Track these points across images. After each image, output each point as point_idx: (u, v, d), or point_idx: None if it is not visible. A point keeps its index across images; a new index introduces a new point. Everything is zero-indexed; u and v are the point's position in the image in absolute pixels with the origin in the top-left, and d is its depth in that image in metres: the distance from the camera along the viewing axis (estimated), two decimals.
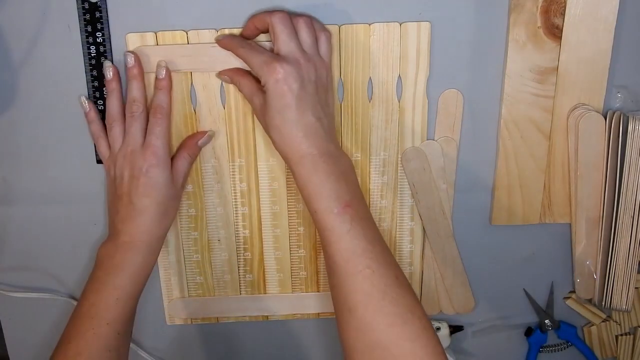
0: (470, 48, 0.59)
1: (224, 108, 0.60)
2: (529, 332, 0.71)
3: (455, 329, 0.70)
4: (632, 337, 0.71)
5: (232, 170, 0.62)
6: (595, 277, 0.66)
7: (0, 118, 0.60)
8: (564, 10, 0.57)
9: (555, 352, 0.72)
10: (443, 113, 0.61)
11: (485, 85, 0.60)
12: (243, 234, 0.65)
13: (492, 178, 0.64)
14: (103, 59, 0.57)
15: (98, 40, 0.57)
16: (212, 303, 0.68)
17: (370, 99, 0.60)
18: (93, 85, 0.59)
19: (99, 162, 0.62)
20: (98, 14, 0.56)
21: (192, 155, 0.60)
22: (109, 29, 0.57)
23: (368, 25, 0.57)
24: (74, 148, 0.61)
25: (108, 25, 0.57)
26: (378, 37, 0.58)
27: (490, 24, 0.58)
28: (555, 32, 0.57)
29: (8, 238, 0.65)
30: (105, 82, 0.57)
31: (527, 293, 0.69)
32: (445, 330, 0.69)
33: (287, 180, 0.63)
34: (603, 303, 0.66)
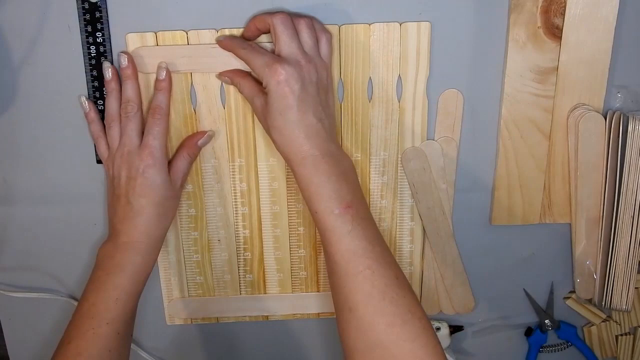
0: (470, 48, 0.59)
1: (224, 108, 0.60)
2: (529, 332, 0.71)
3: (455, 329, 0.70)
4: (632, 337, 0.71)
5: (232, 170, 0.62)
6: (595, 277, 0.66)
7: (0, 118, 0.60)
8: (564, 10, 0.57)
9: (555, 352, 0.72)
10: (443, 113, 0.61)
11: (485, 85, 0.60)
12: (243, 234, 0.65)
13: (492, 178, 0.64)
14: (103, 59, 0.57)
15: (98, 40, 0.57)
16: (212, 303, 0.68)
17: (370, 99, 0.60)
18: (93, 85, 0.59)
19: (99, 162, 0.62)
20: (98, 14, 0.56)
21: (191, 155, 0.60)
22: (109, 29, 0.57)
23: (368, 25, 0.57)
24: (74, 148, 0.61)
25: (108, 25, 0.57)
26: (378, 37, 0.58)
27: (490, 24, 0.58)
28: (555, 32, 0.57)
29: (8, 238, 0.65)
30: (105, 82, 0.57)
31: (527, 293, 0.69)
32: (445, 330, 0.69)
33: (287, 180, 0.63)
34: (603, 303, 0.66)
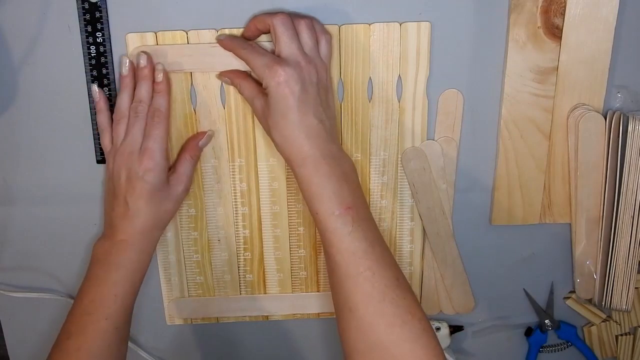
0: (470, 48, 0.59)
1: (224, 108, 0.60)
2: (529, 332, 0.71)
3: (455, 329, 0.70)
4: (632, 337, 0.71)
5: (232, 170, 0.62)
6: (595, 277, 0.66)
7: (0, 118, 0.60)
8: (564, 10, 0.57)
9: (555, 352, 0.72)
10: (443, 113, 0.61)
11: (485, 85, 0.60)
12: (243, 234, 0.65)
13: (492, 178, 0.64)
14: (103, 59, 0.57)
15: (98, 40, 0.57)
16: (212, 303, 0.68)
17: (370, 99, 0.60)
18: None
19: (99, 162, 0.62)
20: (98, 14, 0.56)
21: (194, 157, 0.60)
22: (109, 29, 0.57)
23: (368, 25, 0.57)
24: (74, 148, 0.61)
25: (108, 25, 0.57)
26: (378, 37, 0.58)
27: (490, 24, 0.58)
28: (555, 32, 0.57)
29: (8, 238, 0.65)
30: (120, 77, 0.57)
31: (527, 293, 0.69)
32: (445, 330, 0.69)
33: (287, 180, 0.63)
34: (603, 303, 0.66)
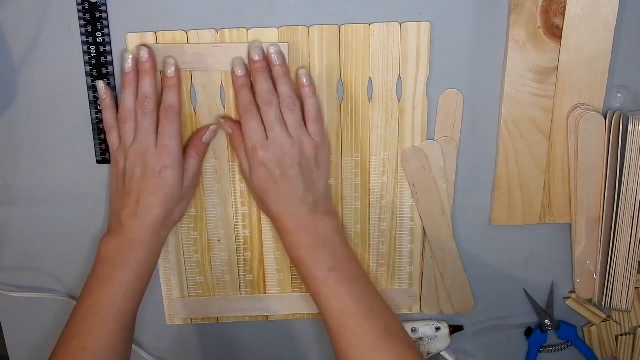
0: (470, 48, 0.59)
1: (224, 108, 0.60)
2: (529, 332, 0.71)
3: (455, 329, 0.69)
4: (632, 337, 0.71)
5: (232, 170, 0.62)
6: (595, 277, 0.66)
7: (0, 118, 0.60)
8: (564, 10, 0.57)
9: (555, 352, 0.72)
10: (443, 113, 0.61)
11: (485, 85, 0.60)
12: (243, 234, 0.65)
13: (492, 178, 0.64)
14: (103, 59, 0.57)
15: (98, 40, 0.57)
16: (212, 303, 0.68)
17: (370, 99, 0.60)
18: (93, 85, 0.59)
19: (99, 162, 0.62)
20: (98, 14, 0.56)
21: (199, 154, 0.59)
22: (109, 29, 0.57)
23: (368, 25, 0.57)
24: (74, 148, 0.61)
25: (108, 25, 0.57)
26: (378, 37, 0.58)
27: (490, 24, 0.58)
28: (555, 32, 0.57)
29: (8, 238, 0.65)
30: (123, 74, 0.56)
31: (527, 293, 0.69)
32: (445, 330, 0.69)
33: None
34: (603, 303, 0.66)
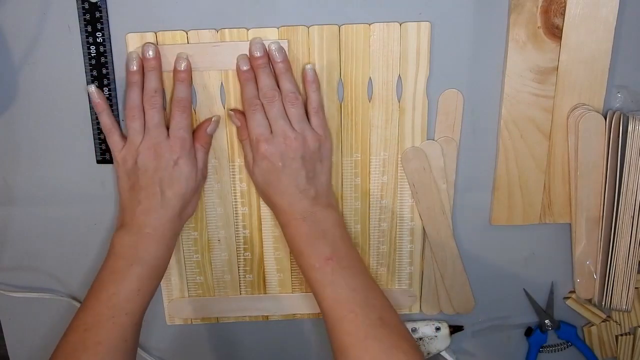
0: (470, 48, 0.59)
1: (224, 108, 0.60)
2: (529, 332, 0.71)
3: (455, 329, 0.70)
4: (632, 337, 0.71)
5: (232, 170, 0.62)
6: (595, 277, 0.66)
7: (0, 118, 0.60)
8: (564, 10, 0.57)
9: (555, 352, 0.72)
10: (443, 113, 0.61)
11: (485, 85, 0.60)
12: (243, 234, 0.65)
13: (492, 178, 0.64)
14: (103, 59, 0.57)
15: (98, 40, 0.57)
16: (212, 303, 0.68)
17: (370, 99, 0.60)
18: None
19: (99, 162, 0.62)
20: (98, 14, 0.56)
21: (204, 145, 0.59)
22: (109, 29, 0.57)
23: (368, 25, 0.57)
24: (74, 148, 0.61)
25: (108, 25, 0.57)
26: (378, 37, 0.58)
27: (490, 24, 0.58)
28: (555, 32, 0.57)
29: (8, 238, 0.65)
30: (129, 73, 0.56)
31: (527, 293, 0.69)
32: (445, 330, 0.69)
33: None
34: (603, 303, 0.66)
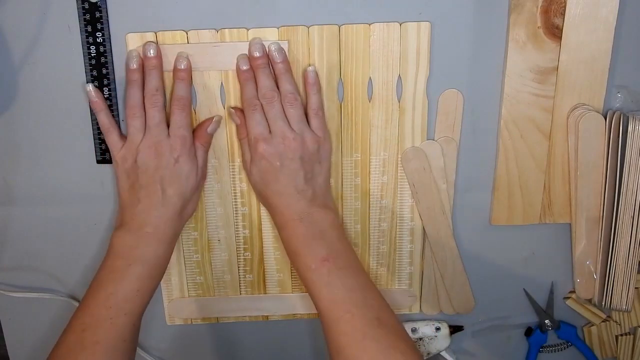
0: (470, 48, 0.59)
1: (224, 108, 0.60)
2: (529, 332, 0.71)
3: (455, 329, 0.70)
4: (632, 337, 0.71)
5: (232, 170, 0.62)
6: (595, 277, 0.66)
7: (0, 118, 0.60)
8: (564, 10, 0.57)
9: (555, 352, 0.72)
10: (443, 113, 0.61)
11: (485, 85, 0.60)
12: (243, 234, 0.65)
13: (492, 178, 0.64)
14: (103, 59, 0.57)
15: (98, 40, 0.57)
16: (212, 303, 0.68)
17: (370, 99, 0.60)
18: (93, 86, 0.59)
19: (99, 162, 0.62)
20: (98, 14, 0.56)
21: (205, 145, 0.59)
22: (109, 29, 0.57)
23: (368, 25, 0.57)
24: (74, 148, 0.61)
25: (108, 25, 0.57)
26: (378, 37, 0.58)
27: (490, 24, 0.58)
28: (555, 32, 0.57)
29: (8, 238, 0.65)
30: (129, 71, 0.56)
31: (527, 293, 0.69)
32: (445, 330, 0.69)
33: None
34: (603, 303, 0.66)
